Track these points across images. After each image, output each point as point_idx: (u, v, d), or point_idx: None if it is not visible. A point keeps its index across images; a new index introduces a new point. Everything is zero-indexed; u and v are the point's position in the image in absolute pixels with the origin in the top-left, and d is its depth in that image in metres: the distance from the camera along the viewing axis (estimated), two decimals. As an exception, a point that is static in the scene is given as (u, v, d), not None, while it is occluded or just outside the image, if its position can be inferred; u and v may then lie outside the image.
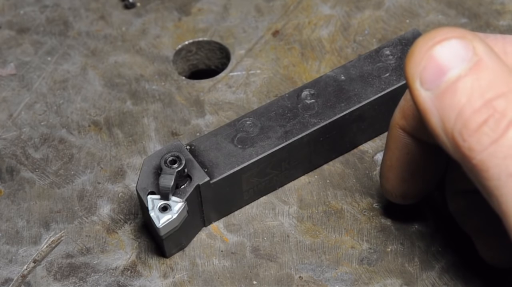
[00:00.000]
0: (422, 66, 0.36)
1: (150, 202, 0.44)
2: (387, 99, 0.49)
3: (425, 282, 0.45)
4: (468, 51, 0.36)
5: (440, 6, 0.59)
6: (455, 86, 0.35)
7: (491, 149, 0.34)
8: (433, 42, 0.36)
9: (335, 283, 0.46)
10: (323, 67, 0.56)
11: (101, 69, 0.57)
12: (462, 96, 0.35)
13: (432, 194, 0.49)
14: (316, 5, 0.59)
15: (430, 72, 0.36)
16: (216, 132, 0.48)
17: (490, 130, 0.34)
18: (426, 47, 0.36)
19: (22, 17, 0.60)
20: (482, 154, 0.35)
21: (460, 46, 0.36)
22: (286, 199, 0.49)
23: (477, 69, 0.35)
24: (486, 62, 0.35)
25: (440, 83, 0.36)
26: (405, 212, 0.48)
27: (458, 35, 0.36)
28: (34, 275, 0.47)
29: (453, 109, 0.35)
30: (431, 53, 0.36)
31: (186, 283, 0.46)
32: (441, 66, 0.36)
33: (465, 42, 0.36)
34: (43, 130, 0.53)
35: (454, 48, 0.36)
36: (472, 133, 0.35)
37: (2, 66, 0.57)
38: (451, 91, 0.35)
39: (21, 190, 0.50)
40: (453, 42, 0.36)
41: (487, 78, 0.35)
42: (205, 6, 0.60)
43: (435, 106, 0.36)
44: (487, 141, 0.34)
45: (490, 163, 0.34)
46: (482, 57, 0.36)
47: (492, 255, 0.44)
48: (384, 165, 0.45)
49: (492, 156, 0.34)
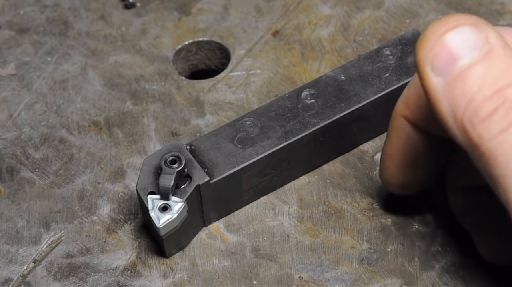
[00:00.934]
0: (434, 52, 0.36)
1: (150, 202, 0.44)
2: (387, 99, 0.49)
3: (425, 282, 0.45)
4: (481, 39, 0.35)
5: (440, 6, 0.59)
6: (467, 73, 0.35)
7: (500, 137, 0.34)
8: (446, 28, 0.36)
9: (335, 283, 0.46)
10: (323, 67, 0.56)
11: (101, 69, 0.57)
12: (473, 84, 0.35)
13: (432, 194, 0.49)
14: (316, 5, 0.59)
15: (442, 59, 0.36)
16: (216, 132, 0.48)
17: (500, 118, 0.34)
18: (439, 33, 0.36)
19: (22, 17, 0.60)
20: (491, 142, 0.34)
21: (473, 33, 0.36)
22: (286, 199, 0.49)
23: (489, 58, 0.35)
24: (498, 51, 0.35)
25: (452, 69, 0.35)
26: (405, 212, 0.48)
27: (471, 22, 0.36)
28: (34, 275, 0.47)
29: (464, 96, 0.35)
30: (443, 39, 0.36)
31: (186, 283, 0.46)
32: (453, 52, 0.35)
33: (478, 29, 0.36)
34: (43, 130, 0.53)
35: (467, 35, 0.36)
36: (482, 120, 0.35)
37: (2, 66, 0.57)
38: (462, 78, 0.35)
39: (21, 190, 0.50)
40: (466, 29, 0.36)
41: (499, 67, 0.35)
42: (205, 6, 0.60)
43: (445, 93, 0.36)
44: (497, 129, 0.34)
45: (498, 151, 0.34)
46: (494, 45, 0.35)
47: (492, 253, 0.44)
48: (384, 154, 0.45)
49: (501, 144, 0.34)
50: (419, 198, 0.48)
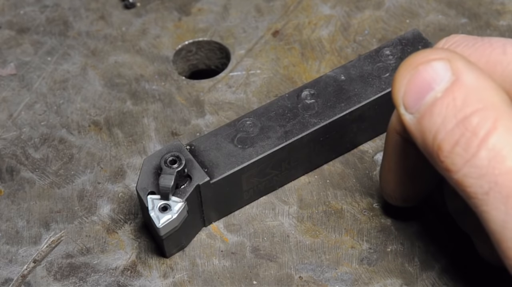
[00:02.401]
0: (403, 91, 0.36)
1: (150, 202, 0.44)
2: (387, 99, 0.49)
3: (425, 282, 0.45)
4: (447, 71, 0.35)
5: (440, 6, 0.59)
6: (432, 109, 0.35)
7: (464, 169, 0.35)
8: (414, 65, 0.36)
9: (335, 283, 0.46)
10: (323, 67, 0.56)
11: (101, 69, 0.57)
12: (437, 118, 0.35)
13: (432, 194, 0.49)
14: (316, 5, 0.59)
15: (411, 97, 0.36)
16: (216, 132, 0.48)
17: (463, 150, 0.34)
18: (407, 71, 0.36)
19: (22, 17, 0.60)
20: (457, 174, 0.35)
21: (440, 66, 0.36)
22: (286, 199, 0.49)
23: (453, 89, 0.35)
24: (463, 80, 0.35)
25: (419, 106, 0.36)
26: (405, 212, 0.48)
27: (438, 57, 0.36)
28: (34, 275, 0.47)
29: (430, 131, 0.36)
30: (411, 77, 0.36)
31: (186, 283, 0.46)
32: (420, 90, 0.36)
33: (444, 62, 0.36)
34: (43, 130, 0.53)
35: (434, 70, 0.36)
36: (447, 154, 0.35)
37: (2, 66, 0.57)
38: (428, 114, 0.36)
39: (21, 190, 0.50)
40: (434, 64, 0.36)
41: (462, 97, 0.35)
42: (205, 6, 0.60)
43: (417, 129, 0.36)
44: (461, 162, 0.35)
45: (465, 183, 0.35)
46: (460, 75, 0.35)
47: (491, 253, 0.44)
48: (383, 169, 0.45)
49: (466, 177, 0.35)
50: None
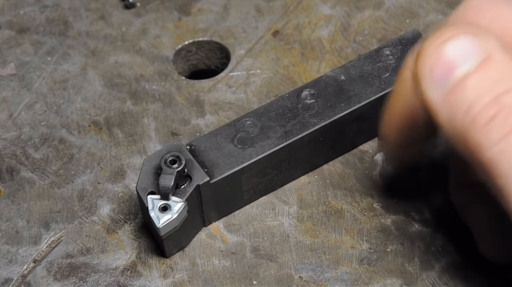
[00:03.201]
0: (431, 64, 0.36)
1: (150, 202, 0.44)
2: (387, 99, 0.49)
3: (425, 282, 0.45)
4: (477, 47, 0.35)
5: (440, 6, 0.59)
6: (464, 83, 0.35)
7: (500, 145, 0.34)
8: (443, 39, 0.36)
9: (335, 283, 0.46)
10: (323, 67, 0.56)
11: (101, 69, 0.57)
12: (471, 92, 0.35)
13: (432, 194, 0.49)
14: (316, 5, 0.59)
15: (439, 70, 0.36)
16: (216, 132, 0.48)
17: (499, 125, 0.34)
18: (435, 44, 0.36)
19: (22, 17, 0.60)
20: (491, 150, 0.34)
21: (469, 42, 0.35)
22: (286, 199, 0.49)
23: (486, 66, 0.35)
24: (495, 58, 0.35)
25: (449, 80, 0.35)
26: (405, 212, 0.48)
27: (468, 31, 0.36)
28: (34, 275, 0.47)
29: (461, 105, 0.35)
30: (439, 50, 0.36)
31: (186, 283, 0.46)
32: (449, 63, 0.35)
33: (475, 38, 0.36)
34: (43, 130, 0.53)
35: (463, 45, 0.35)
36: (481, 128, 0.34)
37: (2, 66, 0.57)
38: (459, 88, 0.35)
39: (21, 190, 0.50)
40: (462, 39, 0.36)
41: (496, 74, 0.35)
42: (205, 6, 0.60)
43: (444, 104, 0.36)
44: (497, 137, 0.34)
45: (499, 159, 0.34)
46: (492, 53, 0.35)
47: (492, 250, 0.44)
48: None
49: (502, 152, 0.34)
50: (419, 198, 0.49)
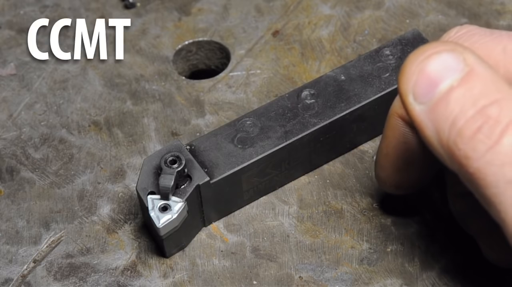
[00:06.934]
0: (414, 80, 0.37)
1: (150, 202, 0.44)
2: (387, 99, 0.49)
3: (425, 282, 0.45)
4: (459, 62, 0.36)
5: (440, 6, 0.59)
6: (448, 97, 0.36)
7: (487, 156, 0.34)
8: (424, 56, 0.37)
9: (335, 283, 0.46)
10: (323, 67, 0.56)
11: (101, 69, 0.57)
12: (455, 106, 0.35)
13: (431, 195, 0.49)
14: (316, 5, 0.59)
15: (422, 86, 0.36)
16: (216, 132, 0.48)
17: (485, 137, 0.34)
18: (417, 61, 0.37)
19: (22, 17, 0.60)
20: (478, 161, 0.35)
21: (450, 58, 0.36)
22: (286, 199, 0.49)
23: (469, 79, 0.36)
24: (477, 71, 0.36)
25: (433, 95, 0.36)
26: (405, 212, 0.48)
27: (448, 48, 0.36)
28: (34, 275, 0.47)
29: (446, 119, 0.36)
30: (422, 67, 0.36)
31: (186, 283, 0.46)
32: (432, 79, 0.36)
33: (456, 53, 0.36)
34: (43, 130, 0.53)
35: (445, 60, 0.36)
36: (467, 141, 0.35)
37: (2, 66, 0.57)
38: (443, 102, 0.36)
39: (21, 190, 0.50)
40: (443, 55, 0.36)
41: (479, 87, 0.35)
42: (205, 6, 0.60)
43: (429, 119, 0.36)
44: (483, 148, 0.34)
45: (487, 170, 0.35)
46: (473, 66, 0.36)
47: (497, 255, 0.44)
48: (380, 153, 0.45)
49: (489, 164, 0.34)
50: (419, 199, 0.49)
